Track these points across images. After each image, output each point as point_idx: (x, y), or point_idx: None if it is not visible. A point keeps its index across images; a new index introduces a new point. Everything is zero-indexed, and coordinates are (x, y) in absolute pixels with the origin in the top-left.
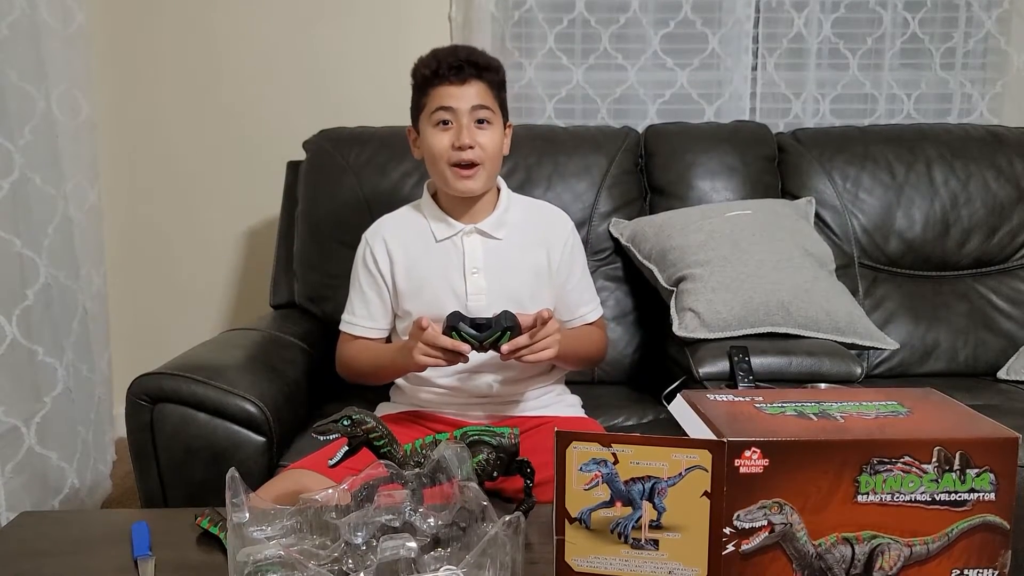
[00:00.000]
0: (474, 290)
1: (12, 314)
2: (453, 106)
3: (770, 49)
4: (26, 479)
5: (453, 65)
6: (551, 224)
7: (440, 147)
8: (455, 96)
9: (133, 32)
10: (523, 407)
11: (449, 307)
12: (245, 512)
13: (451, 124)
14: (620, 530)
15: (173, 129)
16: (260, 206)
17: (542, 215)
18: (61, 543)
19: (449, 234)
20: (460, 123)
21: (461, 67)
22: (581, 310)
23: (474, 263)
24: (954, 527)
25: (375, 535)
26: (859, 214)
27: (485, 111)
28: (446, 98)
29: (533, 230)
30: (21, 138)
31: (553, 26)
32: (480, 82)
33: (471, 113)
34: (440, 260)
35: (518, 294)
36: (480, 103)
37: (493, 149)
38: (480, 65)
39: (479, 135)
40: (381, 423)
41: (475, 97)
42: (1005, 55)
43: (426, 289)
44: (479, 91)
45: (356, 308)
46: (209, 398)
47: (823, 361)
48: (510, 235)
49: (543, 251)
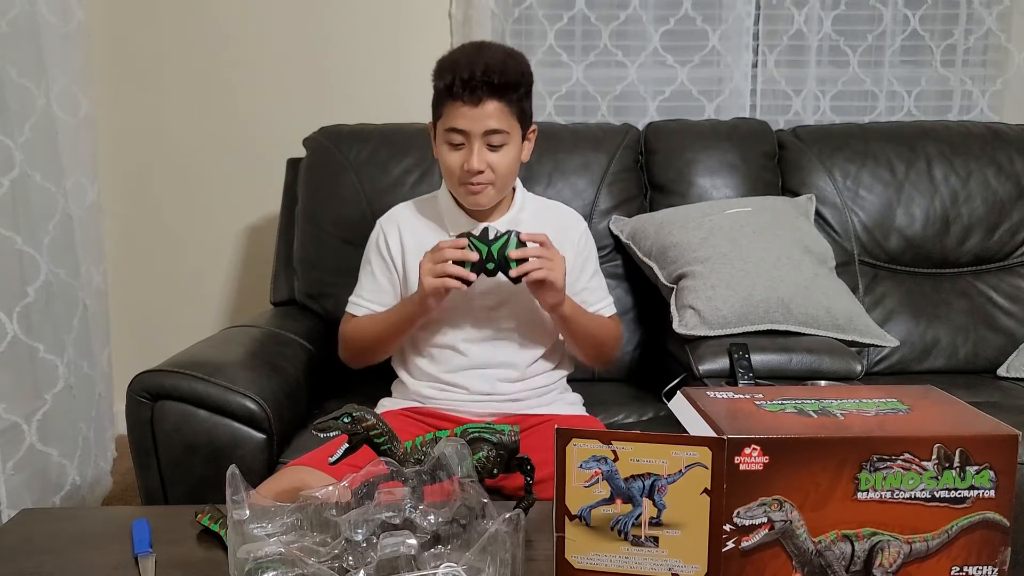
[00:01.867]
0: (485, 288)
1: (13, 311)
2: (465, 129)
3: (770, 46)
4: (27, 476)
5: (468, 83)
6: (564, 225)
7: (451, 165)
8: (467, 118)
9: (132, 29)
10: (525, 405)
11: (458, 302)
12: (245, 509)
13: (462, 144)
14: (620, 527)
15: (172, 126)
16: (260, 203)
17: (555, 215)
18: (62, 540)
19: (464, 230)
20: (471, 147)
21: (476, 87)
22: (593, 309)
23: None
24: (954, 524)
25: (375, 532)
26: (859, 211)
27: (498, 135)
28: (458, 119)
29: (545, 227)
30: (21, 135)
31: (553, 23)
32: (497, 102)
33: (483, 137)
34: None
35: (529, 293)
36: (494, 127)
37: (505, 169)
38: (496, 85)
39: (490, 157)
40: (381, 420)
41: (489, 120)
42: (1006, 52)
43: None
44: (494, 112)
45: (364, 291)
46: (209, 395)
47: (823, 358)
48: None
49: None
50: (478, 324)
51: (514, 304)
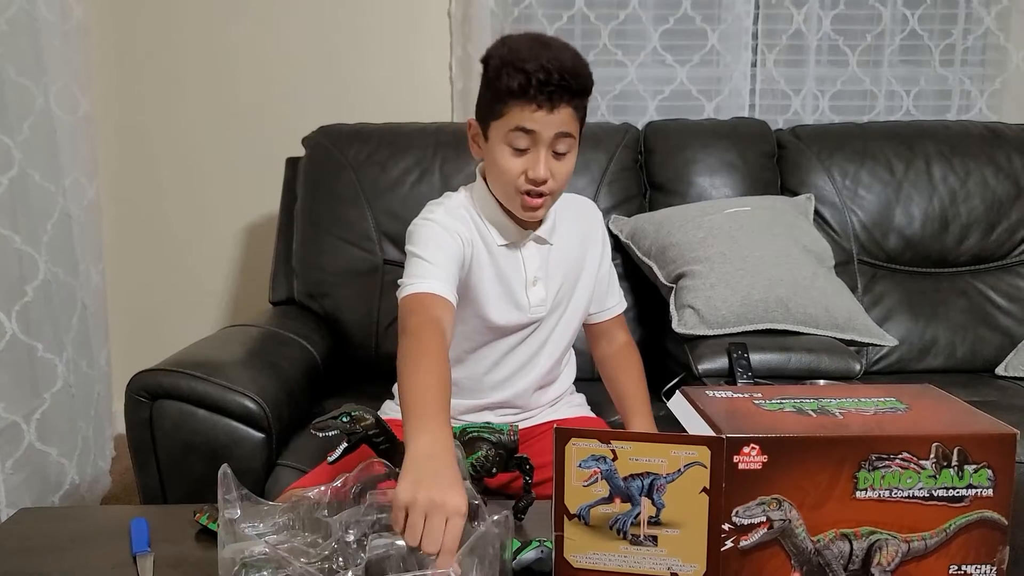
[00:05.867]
0: (536, 301)
1: (12, 310)
2: (536, 130)
3: (770, 46)
4: (26, 475)
5: (545, 87)
6: (587, 218)
7: (511, 171)
8: (540, 122)
9: (131, 27)
10: (534, 413)
11: (512, 317)
12: (237, 509)
13: (527, 150)
14: (619, 526)
15: (171, 125)
16: (259, 202)
17: (577, 210)
18: (60, 539)
19: (510, 240)
20: (539, 153)
21: (554, 91)
22: (609, 301)
23: (533, 272)
24: (952, 523)
25: (366, 533)
26: (858, 211)
27: (567, 141)
28: (529, 121)
29: (575, 228)
30: (20, 134)
31: (552, 22)
32: (570, 108)
33: (552, 142)
34: (503, 267)
35: (566, 298)
36: (565, 131)
37: (564, 180)
38: (574, 89)
39: (555, 166)
40: (380, 420)
41: (560, 124)
42: (1004, 52)
43: (491, 293)
44: (566, 118)
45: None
46: (208, 394)
47: (822, 357)
48: (558, 238)
49: (584, 248)
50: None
51: (551, 348)
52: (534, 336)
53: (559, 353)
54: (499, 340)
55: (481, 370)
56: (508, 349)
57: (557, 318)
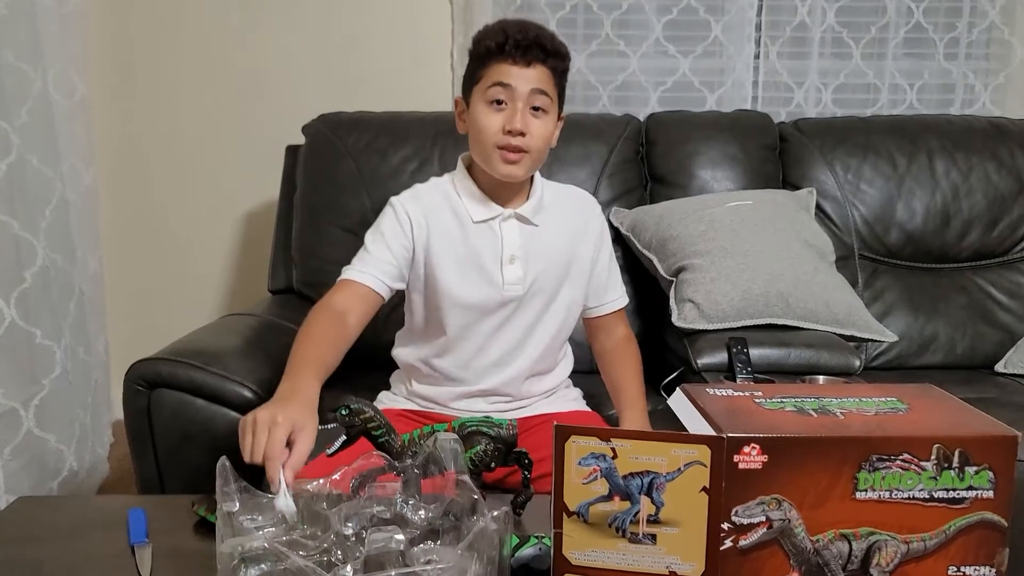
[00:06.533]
0: (512, 279)
1: (10, 296)
2: (512, 84)
3: (773, 37)
4: (25, 461)
5: (521, 43)
6: (582, 209)
7: (490, 127)
8: (515, 76)
9: (129, 12)
10: (528, 403)
11: (482, 294)
12: (235, 501)
13: (505, 105)
14: (618, 524)
15: (170, 110)
16: (259, 190)
17: (572, 200)
18: (58, 528)
19: (487, 217)
20: (515, 106)
21: (528, 47)
22: (608, 296)
23: (511, 250)
24: (952, 524)
25: (365, 526)
26: (860, 205)
27: (543, 97)
28: (506, 75)
29: (567, 217)
30: (18, 119)
31: (555, 11)
32: (544, 67)
33: (529, 97)
34: (475, 244)
35: (551, 284)
36: (540, 87)
37: (543, 139)
38: (548, 49)
39: (532, 122)
40: (379, 413)
41: (536, 80)
42: (1009, 46)
43: (456, 272)
44: (541, 75)
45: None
46: (207, 384)
47: (821, 353)
48: (545, 221)
49: (577, 238)
50: (493, 354)
51: (540, 334)
52: (517, 319)
53: (549, 340)
54: (478, 322)
55: (467, 356)
56: (491, 332)
57: (542, 304)
